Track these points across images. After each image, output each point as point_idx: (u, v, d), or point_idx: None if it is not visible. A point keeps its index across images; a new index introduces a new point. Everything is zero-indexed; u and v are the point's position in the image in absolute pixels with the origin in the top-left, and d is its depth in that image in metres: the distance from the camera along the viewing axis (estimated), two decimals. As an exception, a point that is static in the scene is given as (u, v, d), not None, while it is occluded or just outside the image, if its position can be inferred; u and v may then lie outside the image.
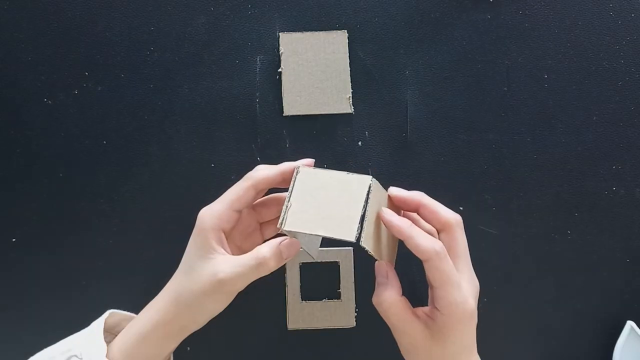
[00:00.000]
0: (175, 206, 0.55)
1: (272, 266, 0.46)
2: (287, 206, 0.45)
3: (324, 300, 0.56)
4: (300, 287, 0.56)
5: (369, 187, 0.45)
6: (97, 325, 0.48)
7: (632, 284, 0.56)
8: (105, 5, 0.56)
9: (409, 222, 0.45)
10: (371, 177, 0.46)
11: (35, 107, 0.55)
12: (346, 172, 0.46)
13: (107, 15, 0.56)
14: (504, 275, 0.56)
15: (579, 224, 0.56)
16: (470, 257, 0.48)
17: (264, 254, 0.45)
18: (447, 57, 0.56)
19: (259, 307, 0.56)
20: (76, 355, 0.45)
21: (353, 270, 0.56)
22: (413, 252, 0.44)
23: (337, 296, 0.56)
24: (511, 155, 0.56)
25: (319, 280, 0.56)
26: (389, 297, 0.46)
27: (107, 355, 0.45)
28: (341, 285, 0.56)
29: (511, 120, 0.56)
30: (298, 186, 0.46)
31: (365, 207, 0.44)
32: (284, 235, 0.46)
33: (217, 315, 0.47)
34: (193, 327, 0.47)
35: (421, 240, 0.44)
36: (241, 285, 0.46)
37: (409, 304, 0.47)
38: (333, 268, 0.56)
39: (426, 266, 0.44)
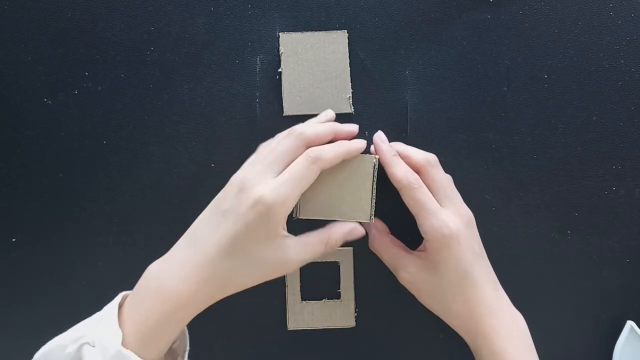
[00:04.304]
0: (176, 206, 0.55)
1: (334, 251, 0.50)
2: None
3: (324, 300, 0.56)
4: (300, 287, 0.56)
5: (374, 167, 0.48)
6: (110, 309, 0.45)
7: (632, 284, 0.56)
8: (105, 5, 0.56)
9: (394, 151, 0.49)
10: (375, 156, 0.49)
11: (35, 107, 0.55)
12: None
13: (107, 15, 0.56)
14: (504, 275, 0.56)
15: (579, 224, 0.56)
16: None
17: (335, 241, 0.47)
18: (447, 57, 0.56)
19: (259, 307, 0.56)
20: (88, 343, 0.43)
21: (353, 270, 0.56)
22: (391, 180, 0.49)
23: (337, 296, 0.56)
24: (511, 155, 0.56)
25: (319, 280, 0.56)
26: (378, 236, 0.52)
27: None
28: (341, 285, 0.56)
29: (511, 120, 0.56)
30: None
31: (374, 186, 0.48)
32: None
33: (216, 316, 0.47)
34: (221, 298, 0.46)
35: (395, 169, 0.48)
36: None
37: (402, 243, 0.53)
38: (333, 268, 0.56)
39: (402, 195, 0.49)
